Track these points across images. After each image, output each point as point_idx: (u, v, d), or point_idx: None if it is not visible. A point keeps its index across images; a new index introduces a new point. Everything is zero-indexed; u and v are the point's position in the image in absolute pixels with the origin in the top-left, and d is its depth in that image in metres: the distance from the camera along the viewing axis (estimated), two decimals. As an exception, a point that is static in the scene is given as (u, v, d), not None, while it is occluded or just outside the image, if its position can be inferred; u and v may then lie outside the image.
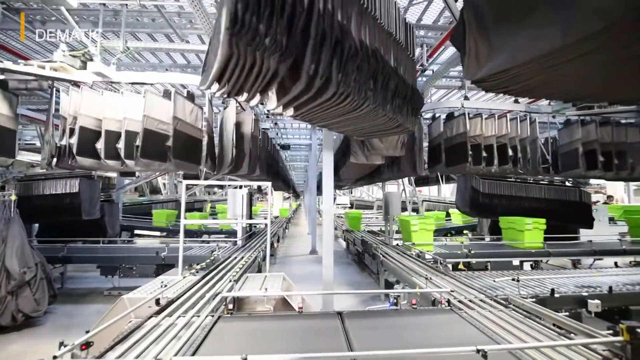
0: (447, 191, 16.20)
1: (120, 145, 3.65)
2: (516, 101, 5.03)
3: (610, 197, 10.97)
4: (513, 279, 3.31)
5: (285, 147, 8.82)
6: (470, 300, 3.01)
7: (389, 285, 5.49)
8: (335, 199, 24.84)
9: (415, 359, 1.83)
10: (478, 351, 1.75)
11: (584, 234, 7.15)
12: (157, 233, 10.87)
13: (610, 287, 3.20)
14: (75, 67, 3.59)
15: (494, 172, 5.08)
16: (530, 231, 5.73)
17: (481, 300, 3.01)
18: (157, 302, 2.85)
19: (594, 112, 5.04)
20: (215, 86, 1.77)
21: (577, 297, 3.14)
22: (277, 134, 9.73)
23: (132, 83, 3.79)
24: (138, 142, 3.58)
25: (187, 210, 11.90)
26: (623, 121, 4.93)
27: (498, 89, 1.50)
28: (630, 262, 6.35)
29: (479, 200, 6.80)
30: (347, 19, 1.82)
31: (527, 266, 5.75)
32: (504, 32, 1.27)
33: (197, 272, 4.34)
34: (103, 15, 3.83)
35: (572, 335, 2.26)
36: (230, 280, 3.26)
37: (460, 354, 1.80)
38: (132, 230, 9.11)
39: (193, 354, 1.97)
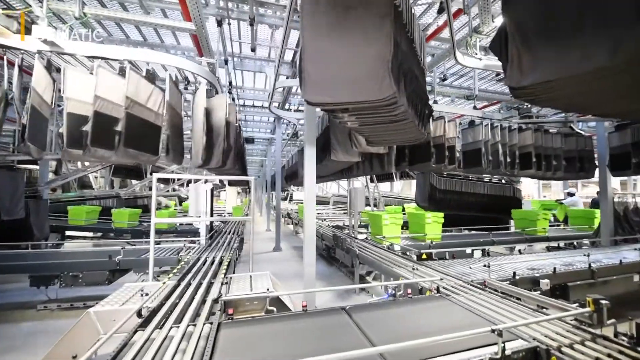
0: (398, 187, 17.43)
1: (63, 130, 3.02)
2: (475, 107, 5.64)
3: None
4: (484, 265, 3.74)
5: (250, 140, 8.44)
6: (452, 286, 3.31)
7: (362, 278, 5.71)
8: (292, 195, 24.61)
9: (438, 345, 1.94)
10: (493, 331, 1.95)
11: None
12: (90, 234, 9.44)
13: (555, 268, 3.85)
14: (10, 30, 2.88)
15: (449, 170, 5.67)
16: (430, 224, 6.40)
17: (461, 286, 3.33)
18: (139, 313, 2.48)
19: (531, 121, 5.94)
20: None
21: (532, 278, 3.70)
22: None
23: (91, 57, 3.17)
24: (87, 127, 2.99)
25: (128, 206, 10.61)
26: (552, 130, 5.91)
27: (530, 97, 1.65)
28: (547, 247, 7.71)
29: (435, 196, 7.48)
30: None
31: (477, 254, 6.50)
32: (549, 47, 1.40)
33: (163, 275, 3.89)
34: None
35: (544, 310, 2.67)
36: (223, 283, 3.01)
37: (477, 335, 1.98)
38: (62, 232, 7.69)
39: (211, 368, 1.78)
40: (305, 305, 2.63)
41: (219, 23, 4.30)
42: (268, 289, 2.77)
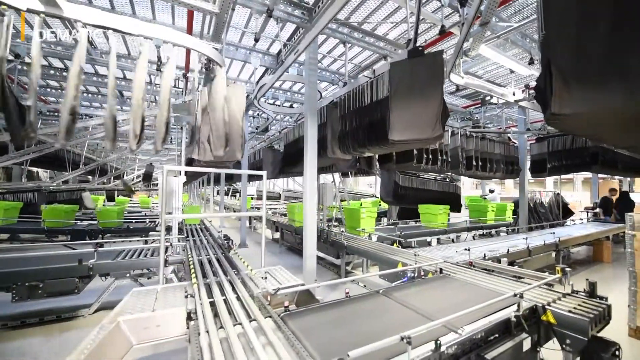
0: (349, 183, 18.50)
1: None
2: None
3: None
4: (465, 249, 4.51)
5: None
6: (446, 267, 3.94)
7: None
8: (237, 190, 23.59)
9: (477, 311, 2.40)
10: (515, 294, 2.53)
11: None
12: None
13: (508, 249, 4.89)
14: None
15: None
16: (364, 219, 7.24)
17: (452, 266, 3.99)
18: (189, 316, 2.33)
19: (479, 131, 7.19)
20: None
21: (495, 257, 4.63)
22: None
23: (98, 27, 2.70)
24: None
25: (59, 201, 8.82)
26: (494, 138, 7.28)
27: (560, 122, 2.21)
28: (475, 234, 9.43)
29: (398, 192, 8.35)
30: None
31: (434, 242, 7.57)
32: (583, 87, 1.97)
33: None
34: None
35: (522, 279, 3.46)
36: (263, 277, 2.99)
37: (503, 300, 2.53)
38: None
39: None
40: (348, 292, 2.85)
41: (225, 7, 4.05)
42: (316, 280, 2.88)
